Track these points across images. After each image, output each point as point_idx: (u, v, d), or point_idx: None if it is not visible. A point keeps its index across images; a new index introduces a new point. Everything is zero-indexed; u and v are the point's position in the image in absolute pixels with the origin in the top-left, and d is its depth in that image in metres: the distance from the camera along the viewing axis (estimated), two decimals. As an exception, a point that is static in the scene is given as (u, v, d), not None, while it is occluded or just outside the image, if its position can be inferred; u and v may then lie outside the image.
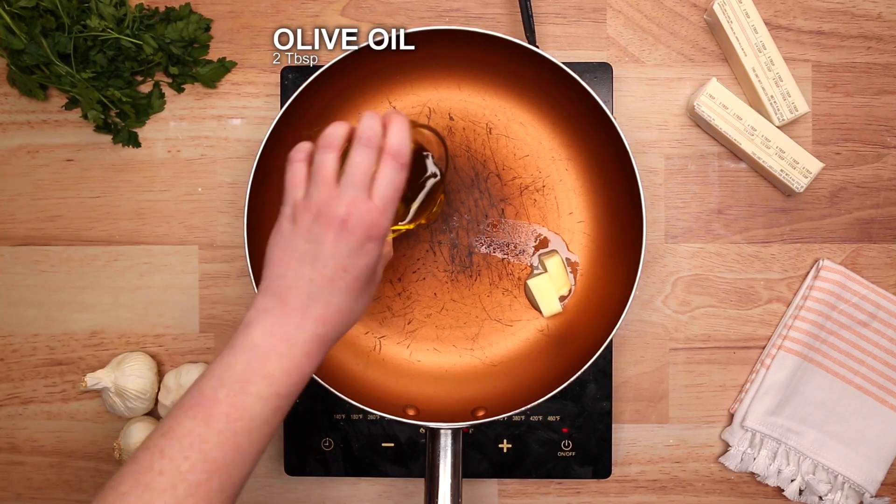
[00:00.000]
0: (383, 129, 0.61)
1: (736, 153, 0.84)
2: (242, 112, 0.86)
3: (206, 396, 0.56)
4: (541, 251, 0.82)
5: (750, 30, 0.81)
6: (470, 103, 0.83)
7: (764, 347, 0.85)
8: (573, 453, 0.84)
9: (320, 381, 0.74)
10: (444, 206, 0.81)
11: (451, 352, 0.83)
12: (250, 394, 0.56)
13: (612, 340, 0.77)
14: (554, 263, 0.81)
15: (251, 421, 0.56)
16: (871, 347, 0.84)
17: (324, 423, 0.84)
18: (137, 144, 0.86)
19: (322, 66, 0.75)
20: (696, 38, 0.85)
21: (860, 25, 0.85)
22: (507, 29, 0.86)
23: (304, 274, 0.58)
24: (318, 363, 0.59)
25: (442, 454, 0.73)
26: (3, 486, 0.87)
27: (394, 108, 0.63)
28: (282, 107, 0.76)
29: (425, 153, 0.73)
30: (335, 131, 0.61)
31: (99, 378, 0.82)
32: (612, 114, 0.76)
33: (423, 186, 0.73)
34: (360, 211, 0.58)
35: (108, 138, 0.87)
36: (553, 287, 0.81)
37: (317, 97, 0.77)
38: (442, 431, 0.73)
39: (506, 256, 0.83)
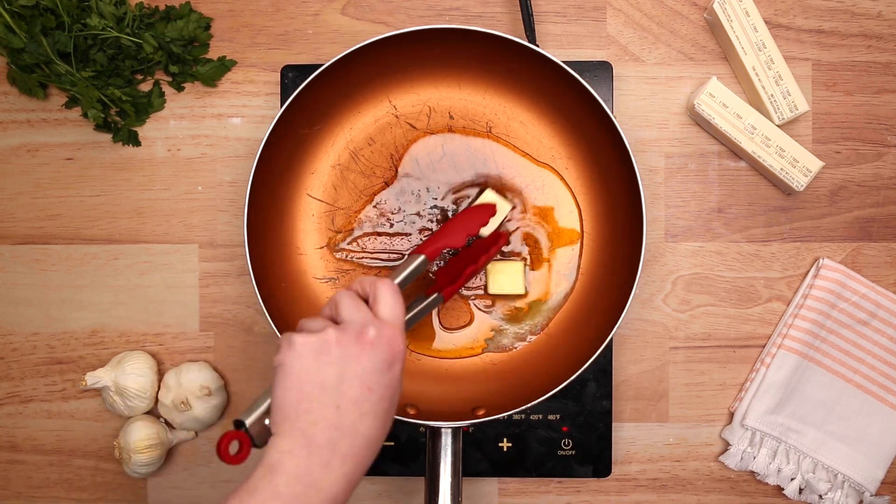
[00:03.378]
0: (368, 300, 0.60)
1: (736, 152, 0.84)
2: (242, 111, 0.86)
3: None
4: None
5: (750, 28, 0.81)
6: (470, 102, 0.83)
7: (764, 346, 0.85)
8: (573, 452, 0.84)
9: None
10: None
11: (452, 351, 0.83)
12: None
13: (612, 339, 0.77)
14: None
15: None
16: (871, 346, 0.84)
17: (324, 422, 0.84)
18: (137, 143, 0.86)
19: (322, 64, 0.75)
20: (696, 37, 0.85)
21: (860, 24, 0.85)
22: (507, 28, 0.86)
23: (330, 402, 0.55)
24: None
25: (442, 453, 0.73)
26: (3, 485, 0.87)
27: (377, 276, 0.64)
28: (282, 105, 0.76)
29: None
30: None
31: (99, 377, 0.82)
32: (612, 112, 0.76)
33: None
34: (378, 326, 0.57)
35: (108, 137, 0.87)
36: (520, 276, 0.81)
37: (317, 96, 0.77)
38: (442, 430, 0.73)
39: (506, 252, 0.83)
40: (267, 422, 0.57)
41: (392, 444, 0.84)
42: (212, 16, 0.86)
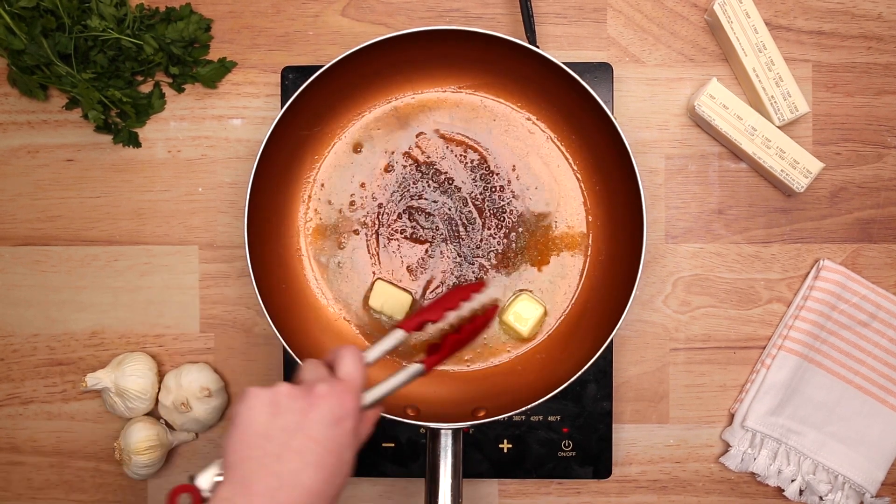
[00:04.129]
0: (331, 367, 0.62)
1: (736, 153, 0.84)
2: (243, 112, 0.86)
3: None
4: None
5: (750, 30, 0.81)
6: (470, 103, 0.83)
7: (764, 347, 0.85)
8: (573, 453, 0.84)
9: (321, 381, 0.74)
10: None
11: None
12: None
13: (612, 340, 0.77)
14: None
15: None
16: (871, 347, 0.84)
17: (324, 424, 0.84)
18: (138, 144, 0.86)
19: (322, 66, 0.75)
20: (696, 39, 0.85)
21: (860, 25, 0.85)
22: (507, 29, 0.86)
23: (272, 451, 0.55)
24: None
25: (442, 454, 0.73)
26: (3, 487, 0.87)
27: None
28: (282, 107, 0.76)
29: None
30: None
31: (99, 378, 0.82)
32: (612, 114, 0.76)
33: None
34: (331, 383, 0.59)
35: (108, 138, 0.87)
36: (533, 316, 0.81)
37: (317, 97, 0.77)
38: (442, 431, 0.73)
39: (508, 254, 0.82)
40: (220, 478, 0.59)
41: (392, 445, 0.84)
42: (212, 17, 0.86)
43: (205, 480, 0.59)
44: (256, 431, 0.56)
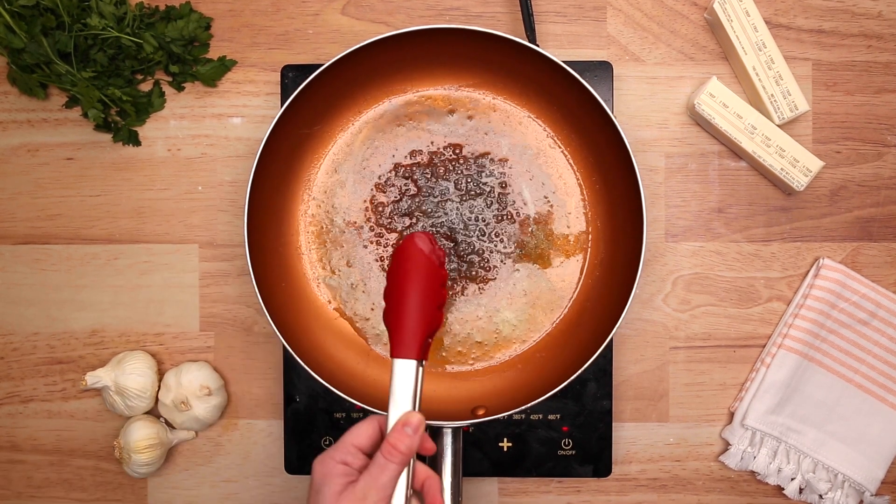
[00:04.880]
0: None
1: (736, 152, 0.84)
2: (242, 111, 0.86)
3: None
4: None
5: (750, 28, 0.81)
6: (470, 102, 0.83)
7: (764, 346, 0.85)
8: (573, 452, 0.84)
9: (320, 379, 0.74)
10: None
11: (452, 350, 0.83)
12: None
13: (612, 339, 0.77)
14: None
15: None
16: (871, 346, 0.84)
17: (324, 422, 0.84)
18: (138, 143, 0.86)
19: (322, 64, 0.75)
20: (696, 37, 0.85)
21: (860, 24, 0.85)
22: (507, 27, 0.86)
23: None
24: None
25: (442, 453, 0.73)
26: (3, 485, 0.87)
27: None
28: (282, 105, 0.76)
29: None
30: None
31: (99, 377, 0.82)
32: (612, 112, 0.76)
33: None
34: None
35: (108, 137, 0.87)
36: None
37: (317, 96, 0.77)
38: (443, 430, 0.73)
39: (508, 253, 0.83)
40: None
41: (392, 443, 0.84)
42: (212, 16, 0.86)
43: None
44: None
